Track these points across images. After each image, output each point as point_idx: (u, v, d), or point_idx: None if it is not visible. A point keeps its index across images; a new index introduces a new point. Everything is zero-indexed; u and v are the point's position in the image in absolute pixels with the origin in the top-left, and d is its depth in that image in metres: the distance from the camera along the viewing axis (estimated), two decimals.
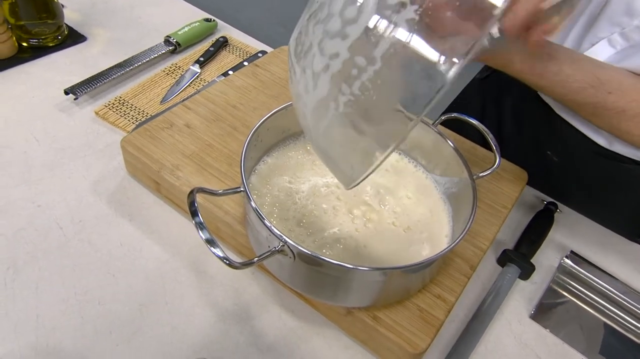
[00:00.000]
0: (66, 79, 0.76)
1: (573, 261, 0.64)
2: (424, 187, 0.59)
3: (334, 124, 0.39)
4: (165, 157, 0.61)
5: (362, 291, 0.48)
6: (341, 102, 0.37)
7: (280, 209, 0.54)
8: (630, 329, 0.60)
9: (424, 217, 0.56)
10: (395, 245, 0.53)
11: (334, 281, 0.47)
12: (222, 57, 0.85)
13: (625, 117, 0.55)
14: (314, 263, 0.45)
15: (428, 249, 0.53)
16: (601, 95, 0.54)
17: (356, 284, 0.47)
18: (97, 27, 0.88)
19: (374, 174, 0.51)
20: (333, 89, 0.37)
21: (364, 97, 0.36)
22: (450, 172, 0.57)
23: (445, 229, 0.55)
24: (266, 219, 0.45)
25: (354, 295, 0.48)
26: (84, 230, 0.59)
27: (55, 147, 0.67)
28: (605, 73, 0.54)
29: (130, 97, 0.74)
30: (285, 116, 0.57)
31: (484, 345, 0.55)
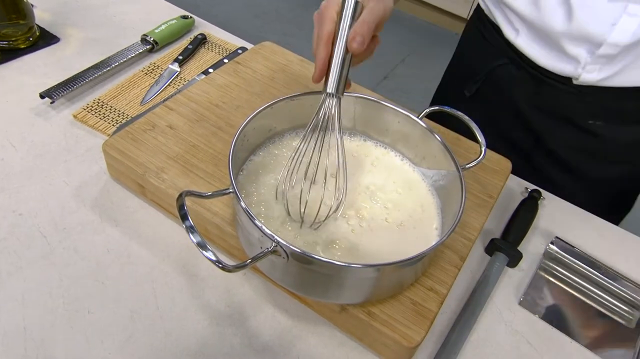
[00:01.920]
0: (41, 82, 0.74)
1: (558, 246, 0.65)
2: (412, 181, 0.60)
3: None
4: (149, 159, 0.60)
5: (356, 288, 0.48)
6: None
7: (268, 208, 0.53)
8: (615, 311, 0.61)
9: (414, 212, 0.56)
10: (387, 240, 0.53)
11: (328, 279, 0.47)
12: (201, 54, 0.84)
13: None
14: (307, 262, 0.45)
15: (420, 243, 0.53)
16: None
17: (350, 282, 0.47)
18: (71, 27, 0.85)
19: (361, 170, 0.51)
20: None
21: None
22: (437, 164, 0.58)
23: (435, 222, 0.56)
24: (257, 219, 0.44)
25: (348, 292, 0.48)
26: (68, 237, 0.57)
27: (33, 153, 0.65)
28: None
29: (109, 99, 0.73)
30: (270, 114, 0.56)
31: (476, 334, 0.56)
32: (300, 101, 0.59)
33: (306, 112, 0.61)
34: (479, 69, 0.80)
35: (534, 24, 0.68)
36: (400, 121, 0.59)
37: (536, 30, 0.69)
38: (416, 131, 0.58)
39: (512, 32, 0.73)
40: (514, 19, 0.72)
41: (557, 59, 0.69)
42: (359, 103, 0.61)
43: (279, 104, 0.57)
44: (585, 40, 0.64)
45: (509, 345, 0.56)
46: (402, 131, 0.60)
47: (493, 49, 0.77)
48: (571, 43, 0.66)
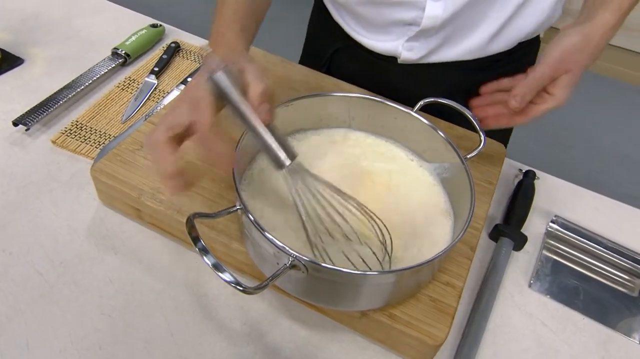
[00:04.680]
0: (10, 108, 0.70)
1: (559, 224, 0.66)
2: (418, 175, 0.59)
3: None
4: (143, 181, 0.57)
5: (377, 294, 0.47)
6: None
7: (271, 217, 0.52)
8: (620, 282, 0.63)
9: (426, 207, 0.56)
10: (402, 240, 0.52)
11: (347, 288, 0.46)
12: (177, 63, 0.81)
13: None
14: (327, 273, 0.44)
15: (435, 240, 0.53)
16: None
17: (369, 289, 0.46)
18: (34, 46, 0.81)
19: (370, 166, 0.49)
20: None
21: None
22: (439, 157, 0.57)
23: (448, 218, 0.55)
24: (274, 238, 0.43)
25: (368, 298, 0.48)
26: (66, 272, 0.54)
27: (14, 185, 0.61)
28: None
29: (87, 120, 0.69)
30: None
31: (492, 321, 0.57)
32: (295, 106, 0.57)
33: (301, 115, 0.59)
34: (323, 53, 0.81)
35: (352, 10, 0.70)
36: (397, 116, 0.59)
37: (357, 15, 0.70)
38: (415, 125, 0.58)
39: (339, 17, 0.75)
40: (336, 5, 0.74)
41: (379, 40, 0.71)
42: (353, 103, 0.60)
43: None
44: (401, 25, 0.67)
45: (525, 329, 0.56)
46: (402, 126, 0.59)
47: (331, 34, 0.78)
48: (388, 26, 0.68)
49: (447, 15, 0.63)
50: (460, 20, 0.65)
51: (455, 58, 0.70)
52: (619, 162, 1.81)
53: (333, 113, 0.61)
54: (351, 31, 0.73)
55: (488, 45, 0.68)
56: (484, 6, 0.64)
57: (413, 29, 0.66)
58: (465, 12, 0.64)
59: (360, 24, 0.72)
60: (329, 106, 0.60)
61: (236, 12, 0.52)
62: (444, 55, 0.70)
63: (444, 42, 0.68)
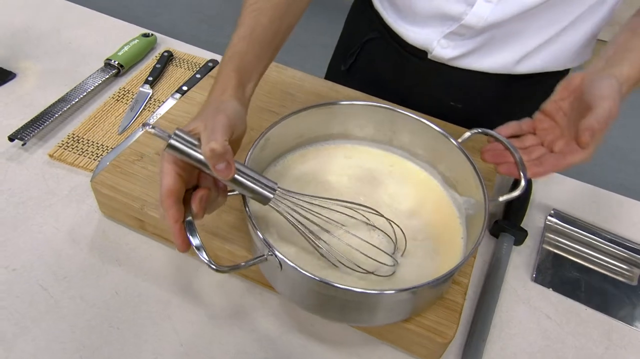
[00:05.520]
0: (6, 123, 0.69)
1: (557, 218, 0.67)
2: (444, 206, 0.57)
3: None
4: (145, 192, 0.57)
5: (397, 310, 0.48)
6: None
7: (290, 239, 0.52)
8: (619, 272, 0.64)
9: (443, 236, 0.55)
10: (420, 261, 0.53)
11: (361, 306, 0.46)
12: (171, 72, 0.81)
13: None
14: (323, 288, 0.44)
15: (449, 256, 0.52)
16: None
17: (389, 306, 0.47)
18: (25, 60, 0.80)
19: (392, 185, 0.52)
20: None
21: None
22: (468, 190, 0.55)
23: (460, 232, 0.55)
24: (258, 229, 0.44)
25: (389, 314, 0.48)
26: (71, 286, 0.54)
27: (13, 201, 0.61)
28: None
29: (84, 133, 0.69)
30: (269, 143, 0.55)
31: (498, 316, 0.57)
32: (306, 115, 0.57)
33: (311, 126, 0.60)
34: (355, 41, 0.81)
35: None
36: (438, 139, 0.56)
37: (402, 3, 0.71)
38: (453, 153, 0.55)
39: (379, 5, 0.75)
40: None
41: (416, 32, 0.71)
42: (398, 118, 0.58)
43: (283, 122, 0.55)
44: (444, 17, 0.66)
45: (531, 322, 0.57)
46: (438, 150, 0.57)
47: (367, 23, 0.79)
48: (430, 17, 0.68)
49: (491, 19, 0.63)
50: (501, 31, 0.65)
51: (483, 69, 0.69)
52: (611, 155, 1.84)
53: (376, 130, 0.61)
54: (389, 18, 0.73)
55: (517, 64, 0.68)
56: (528, 22, 0.64)
57: (453, 25, 0.66)
58: (508, 24, 0.63)
59: (400, 13, 0.71)
60: (371, 120, 0.60)
61: (243, 39, 0.51)
62: (473, 63, 0.69)
63: (477, 49, 0.68)
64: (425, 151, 0.60)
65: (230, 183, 0.45)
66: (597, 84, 0.50)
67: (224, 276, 0.57)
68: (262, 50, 0.51)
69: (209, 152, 0.41)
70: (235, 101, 0.47)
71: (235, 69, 0.49)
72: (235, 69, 0.49)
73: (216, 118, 0.44)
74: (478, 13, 0.63)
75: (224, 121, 0.43)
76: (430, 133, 0.57)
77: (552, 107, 0.54)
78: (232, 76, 0.49)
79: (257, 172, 0.46)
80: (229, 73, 0.49)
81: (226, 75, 0.49)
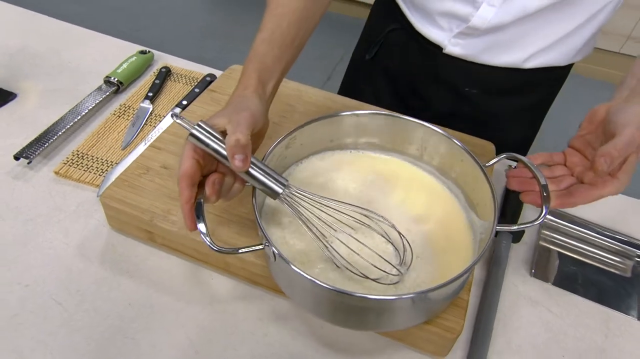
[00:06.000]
0: (9, 143, 0.70)
1: (551, 214, 0.70)
2: (460, 231, 0.57)
3: None
4: (153, 204, 0.58)
5: (409, 314, 0.49)
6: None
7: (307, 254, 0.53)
8: (613, 264, 0.66)
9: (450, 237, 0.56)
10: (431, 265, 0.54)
11: (372, 312, 0.47)
12: (170, 87, 0.82)
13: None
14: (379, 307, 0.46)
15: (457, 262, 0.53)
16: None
17: (398, 310, 0.48)
18: (25, 81, 0.81)
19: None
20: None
21: None
22: (486, 214, 0.54)
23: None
24: (260, 220, 0.47)
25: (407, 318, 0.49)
26: (85, 299, 0.55)
27: (22, 218, 0.62)
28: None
29: (87, 149, 0.70)
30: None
31: (501, 311, 0.59)
32: (334, 121, 0.59)
33: (341, 132, 0.61)
34: (380, 31, 0.85)
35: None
36: (464, 159, 0.57)
37: (416, 1, 0.75)
38: (477, 176, 0.55)
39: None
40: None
41: (430, 27, 0.75)
42: (428, 134, 0.59)
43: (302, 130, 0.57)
44: (453, 17, 0.71)
45: (532, 316, 0.59)
46: (464, 171, 0.58)
47: (390, 14, 0.83)
48: (441, 16, 0.73)
49: (495, 21, 0.67)
50: (507, 33, 0.69)
51: (494, 64, 0.74)
52: None
53: (408, 144, 0.62)
54: (407, 12, 0.78)
55: (524, 62, 0.73)
56: (532, 26, 0.68)
57: (462, 25, 0.70)
58: (512, 27, 0.68)
59: (416, 8, 0.76)
60: (403, 134, 0.61)
61: (264, 42, 0.55)
62: (484, 59, 0.74)
63: (486, 49, 0.72)
64: (453, 171, 0.59)
65: (244, 175, 0.48)
66: (621, 112, 0.51)
67: (235, 284, 0.58)
68: (281, 52, 0.55)
69: (234, 141, 0.45)
70: (257, 98, 0.51)
71: (255, 70, 0.53)
72: (255, 70, 0.53)
73: (240, 114, 0.48)
74: (482, 15, 0.67)
75: (247, 116, 0.48)
76: (459, 153, 0.57)
77: (580, 142, 0.55)
78: (253, 76, 0.53)
79: (270, 168, 0.50)
80: (250, 73, 0.53)
81: (248, 75, 0.53)
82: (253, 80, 0.53)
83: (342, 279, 0.50)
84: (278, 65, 0.55)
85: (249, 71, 0.53)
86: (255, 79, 0.53)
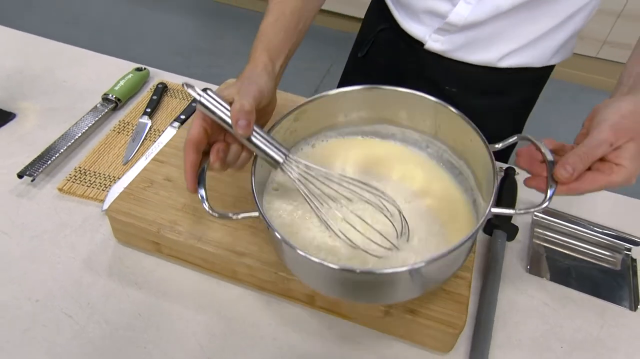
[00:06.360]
0: (11, 162, 0.71)
1: (543, 212, 0.72)
2: (463, 212, 0.58)
3: None
4: (159, 215, 0.60)
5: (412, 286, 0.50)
6: None
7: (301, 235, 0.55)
8: (603, 258, 0.69)
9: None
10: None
11: (377, 285, 0.48)
12: (167, 103, 0.84)
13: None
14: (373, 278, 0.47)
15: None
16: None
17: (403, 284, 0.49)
18: (23, 101, 0.82)
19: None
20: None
21: None
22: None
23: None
24: (255, 190, 0.50)
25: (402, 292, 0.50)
26: (95, 311, 0.56)
27: (28, 235, 0.63)
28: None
29: (89, 165, 0.71)
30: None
31: (500, 308, 0.61)
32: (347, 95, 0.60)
33: (352, 108, 0.62)
34: (372, 30, 0.90)
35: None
36: (473, 139, 0.56)
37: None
38: (487, 162, 0.54)
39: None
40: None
41: (413, 23, 0.80)
42: (442, 112, 0.59)
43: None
44: (433, 14, 0.76)
45: (530, 310, 0.61)
46: (474, 153, 0.57)
47: (381, 14, 0.87)
48: (423, 14, 0.77)
49: (471, 18, 0.72)
50: (484, 30, 0.73)
51: (471, 62, 0.78)
52: None
53: (421, 120, 0.62)
54: (394, 11, 0.83)
55: (499, 60, 0.76)
56: (507, 24, 0.72)
57: (441, 22, 0.74)
58: (488, 24, 0.72)
59: (402, 7, 0.81)
60: (416, 109, 0.60)
61: (271, 25, 0.59)
62: (462, 56, 0.77)
63: (464, 45, 0.76)
64: (464, 149, 0.59)
65: (247, 142, 0.51)
66: (602, 109, 0.50)
67: (242, 291, 0.59)
68: (286, 35, 0.59)
69: (239, 106, 0.49)
70: (266, 75, 0.55)
71: (264, 49, 0.57)
72: (264, 49, 0.57)
73: (249, 87, 0.52)
74: (459, 12, 0.72)
75: (254, 89, 0.52)
76: (469, 134, 0.56)
77: (582, 139, 0.54)
78: (262, 55, 0.56)
79: (273, 138, 0.52)
80: (259, 52, 0.57)
81: (257, 54, 0.57)
82: (262, 58, 0.56)
83: (344, 257, 0.52)
84: (285, 45, 0.59)
85: (258, 50, 0.57)
86: (264, 57, 0.56)
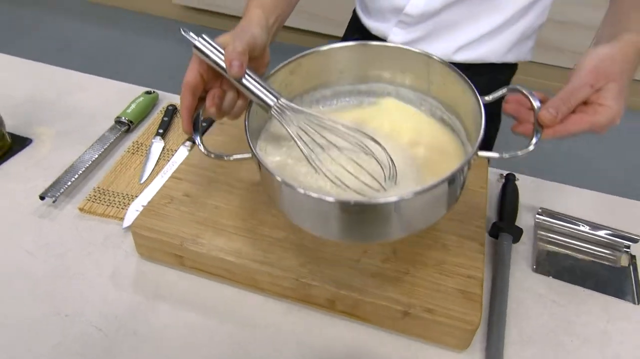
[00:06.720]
0: (31, 185, 0.73)
1: (545, 215, 0.76)
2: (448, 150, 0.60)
3: None
4: (182, 230, 0.62)
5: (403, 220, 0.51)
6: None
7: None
8: (605, 257, 0.72)
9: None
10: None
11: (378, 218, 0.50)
12: (177, 124, 0.87)
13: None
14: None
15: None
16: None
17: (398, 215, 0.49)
18: (38, 126, 0.85)
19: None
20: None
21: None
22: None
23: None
24: (250, 139, 0.53)
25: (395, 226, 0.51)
26: (123, 324, 0.58)
27: (52, 254, 0.65)
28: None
29: (107, 185, 0.74)
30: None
31: (510, 307, 0.64)
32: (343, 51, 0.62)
33: (350, 64, 0.64)
34: (350, 34, 0.96)
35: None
36: (469, 95, 0.55)
37: (367, 2, 0.86)
38: (477, 110, 0.53)
39: (358, 5, 0.91)
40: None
41: (375, 21, 0.85)
42: (435, 66, 0.59)
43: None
44: (393, 9, 0.81)
45: (539, 307, 0.64)
46: (466, 107, 0.57)
47: (354, 25, 0.93)
48: (385, 10, 0.82)
49: (427, 9, 0.76)
50: (440, 20, 0.78)
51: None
52: (570, 158, 2.00)
53: (416, 77, 0.63)
54: (362, 16, 0.89)
55: (455, 53, 0.81)
56: (461, 15, 0.77)
57: (400, 14, 0.79)
58: (443, 14, 0.76)
59: (368, 11, 0.87)
60: (409, 66, 0.62)
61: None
62: (428, 48, 0.78)
63: (422, 37, 0.81)
64: (456, 104, 0.60)
65: (239, 84, 0.53)
66: (582, 57, 0.51)
67: (264, 299, 0.61)
68: (277, 1, 0.63)
69: (232, 48, 0.51)
70: (259, 27, 0.57)
71: (257, 5, 0.60)
72: (257, 5, 0.60)
73: (243, 33, 0.54)
74: (414, 3, 0.77)
75: (248, 36, 0.54)
76: (460, 85, 0.57)
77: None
78: (255, 10, 0.59)
79: (266, 82, 0.54)
80: (252, 9, 0.59)
81: (250, 10, 0.59)
82: (256, 12, 0.58)
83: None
84: (276, 8, 0.62)
85: (251, 7, 0.59)
86: (258, 11, 0.58)
